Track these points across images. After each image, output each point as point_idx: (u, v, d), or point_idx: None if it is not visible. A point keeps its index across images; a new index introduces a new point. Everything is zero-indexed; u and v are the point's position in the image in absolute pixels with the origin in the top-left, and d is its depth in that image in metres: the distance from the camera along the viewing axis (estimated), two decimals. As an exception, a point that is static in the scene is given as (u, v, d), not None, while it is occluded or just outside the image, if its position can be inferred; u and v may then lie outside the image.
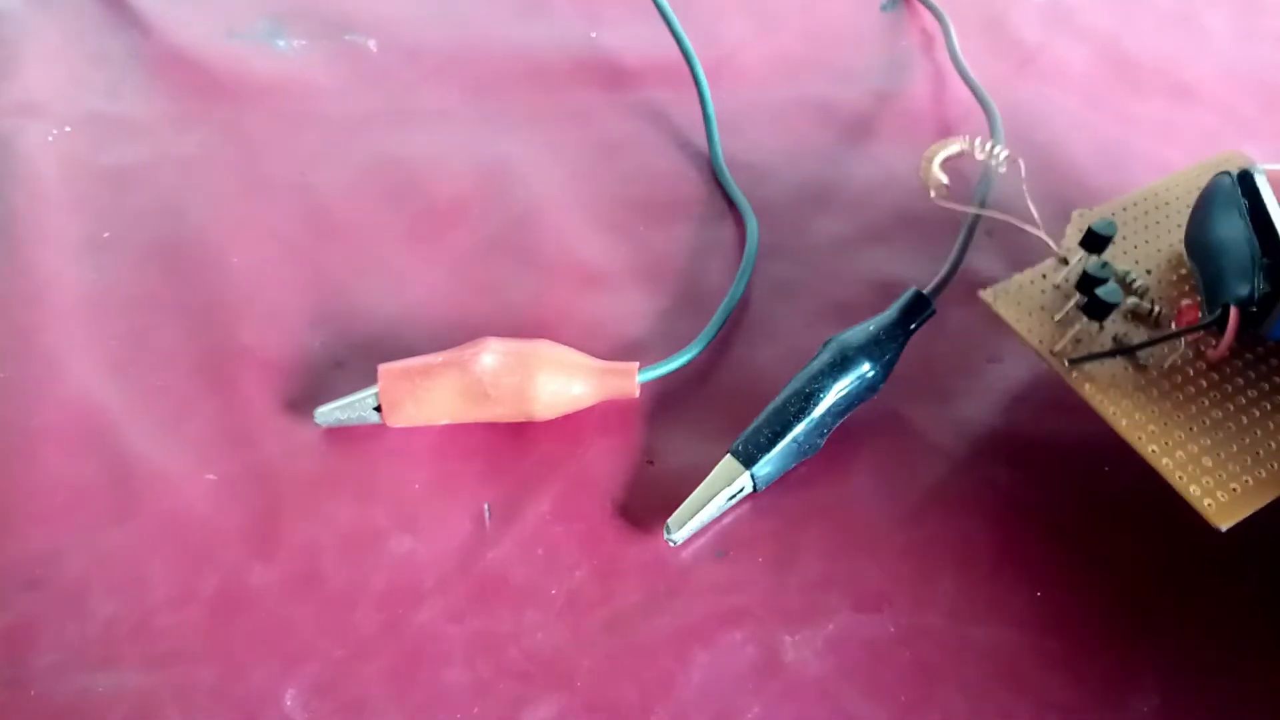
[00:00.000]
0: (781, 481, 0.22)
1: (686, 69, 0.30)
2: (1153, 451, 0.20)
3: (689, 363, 0.24)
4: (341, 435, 0.23)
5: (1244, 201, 0.20)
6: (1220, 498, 0.19)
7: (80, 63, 0.31)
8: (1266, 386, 0.21)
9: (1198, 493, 0.19)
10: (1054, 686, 0.20)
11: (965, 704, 0.20)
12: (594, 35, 0.33)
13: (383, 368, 0.22)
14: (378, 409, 0.23)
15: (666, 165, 0.29)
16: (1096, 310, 0.20)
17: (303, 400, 0.24)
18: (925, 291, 0.23)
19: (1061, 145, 0.30)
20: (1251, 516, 0.22)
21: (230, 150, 0.29)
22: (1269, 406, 0.20)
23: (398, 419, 0.22)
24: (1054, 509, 0.22)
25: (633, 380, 0.23)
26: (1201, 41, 0.33)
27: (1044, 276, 0.23)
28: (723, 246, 0.27)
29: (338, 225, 0.27)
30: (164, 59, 0.31)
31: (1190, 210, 0.22)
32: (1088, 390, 0.21)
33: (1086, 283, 0.20)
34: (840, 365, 0.22)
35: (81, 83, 0.31)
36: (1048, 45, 0.33)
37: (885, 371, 0.23)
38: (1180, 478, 0.19)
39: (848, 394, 0.22)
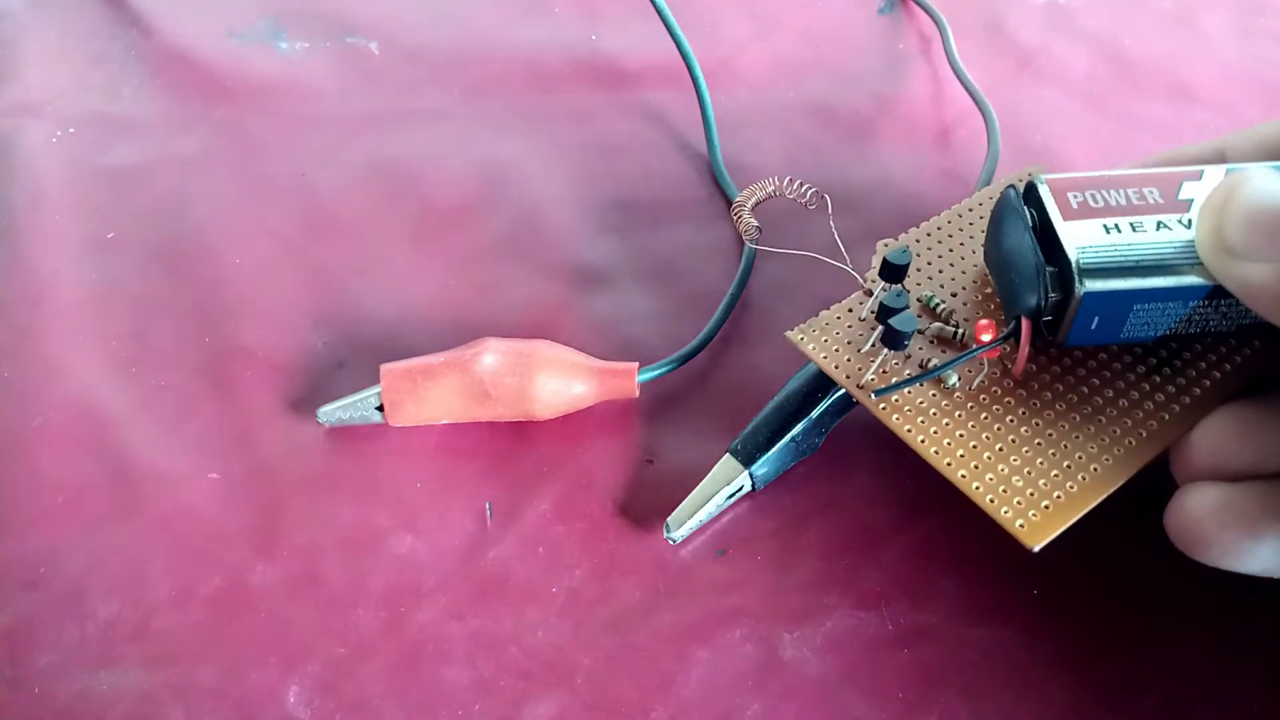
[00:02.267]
0: (780, 481, 0.22)
1: (686, 71, 0.30)
2: (961, 477, 0.19)
3: (688, 363, 0.24)
4: (343, 435, 0.23)
5: (1030, 212, 0.20)
6: (1032, 517, 0.19)
7: (81, 63, 0.31)
8: (1074, 397, 0.20)
9: (1009, 515, 0.19)
10: (1054, 686, 0.20)
11: (964, 703, 0.20)
12: (594, 37, 0.33)
13: (385, 368, 0.23)
14: (380, 409, 0.23)
15: (666, 166, 0.29)
16: (894, 339, 0.20)
17: (305, 400, 0.24)
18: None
19: (1061, 147, 0.30)
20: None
21: (231, 151, 0.29)
22: (1077, 417, 0.20)
23: (399, 418, 0.23)
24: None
25: (632, 380, 0.23)
26: (1201, 42, 0.33)
27: (849, 310, 0.22)
28: (722, 247, 0.27)
29: (339, 226, 0.27)
30: (165, 60, 0.31)
31: (988, 222, 0.22)
32: (895, 421, 0.20)
33: (883, 313, 0.20)
34: (839, 365, 0.22)
35: (82, 83, 0.31)
36: (1047, 47, 0.33)
37: (884, 371, 0.23)
38: (990, 500, 0.19)
39: (846, 393, 0.22)
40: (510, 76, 0.31)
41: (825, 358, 0.21)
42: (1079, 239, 0.19)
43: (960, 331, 0.21)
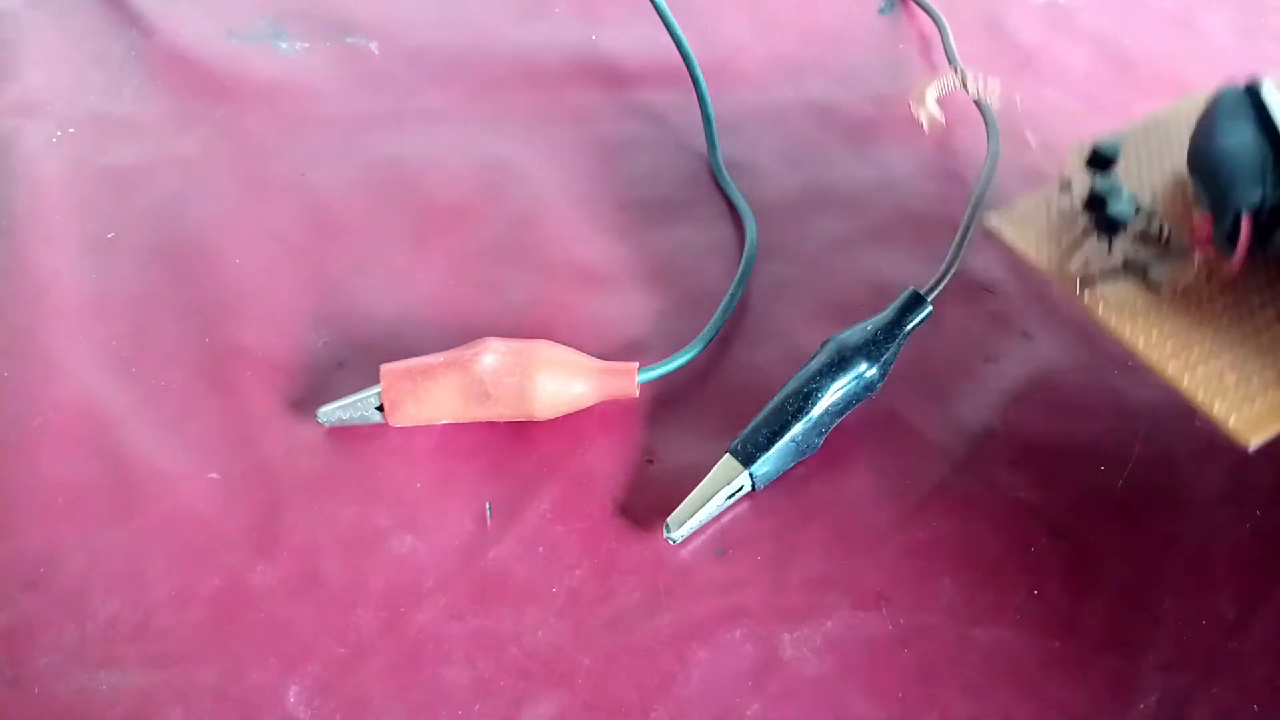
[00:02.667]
0: (780, 481, 0.22)
1: (686, 71, 0.30)
2: (1173, 370, 0.19)
3: (688, 363, 0.24)
4: (343, 435, 0.23)
5: (1253, 113, 0.20)
6: (1245, 414, 0.18)
7: (81, 63, 0.31)
8: None
9: (1222, 410, 0.18)
10: (1054, 686, 0.20)
11: (964, 703, 0.20)
12: (594, 37, 0.33)
13: (384, 368, 0.23)
14: (380, 409, 0.23)
15: (666, 166, 0.29)
16: (1108, 226, 0.20)
17: (305, 400, 0.24)
18: (922, 291, 0.23)
19: (1061, 147, 0.30)
20: (1253, 517, 0.22)
21: (231, 151, 0.29)
22: None
23: (399, 418, 0.23)
24: (1054, 509, 0.22)
25: (632, 380, 0.23)
26: (1201, 42, 0.33)
27: (1048, 202, 0.22)
28: (722, 247, 0.27)
29: (339, 226, 0.27)
30: (165, 60, 0.31)
31: (1194, 128, 0.21)
32: (1102, 311, 0.20)
33: (1095, 201, 0.20)
34: (838, 365, 0.22)
35: (82, 83, 0.31)
36: (1047, 47, 0.33)
37: (883, 371, 0.23)
38: (1203, 395, 0.19)
39: (846, 393, 0.22)
40: (510, 77, 0.31)
41: (1026, 244, 0.21)
42: None
43: (1167, 230, 0.21)
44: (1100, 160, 0.21)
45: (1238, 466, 0.23)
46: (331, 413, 0.23)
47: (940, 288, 0.24)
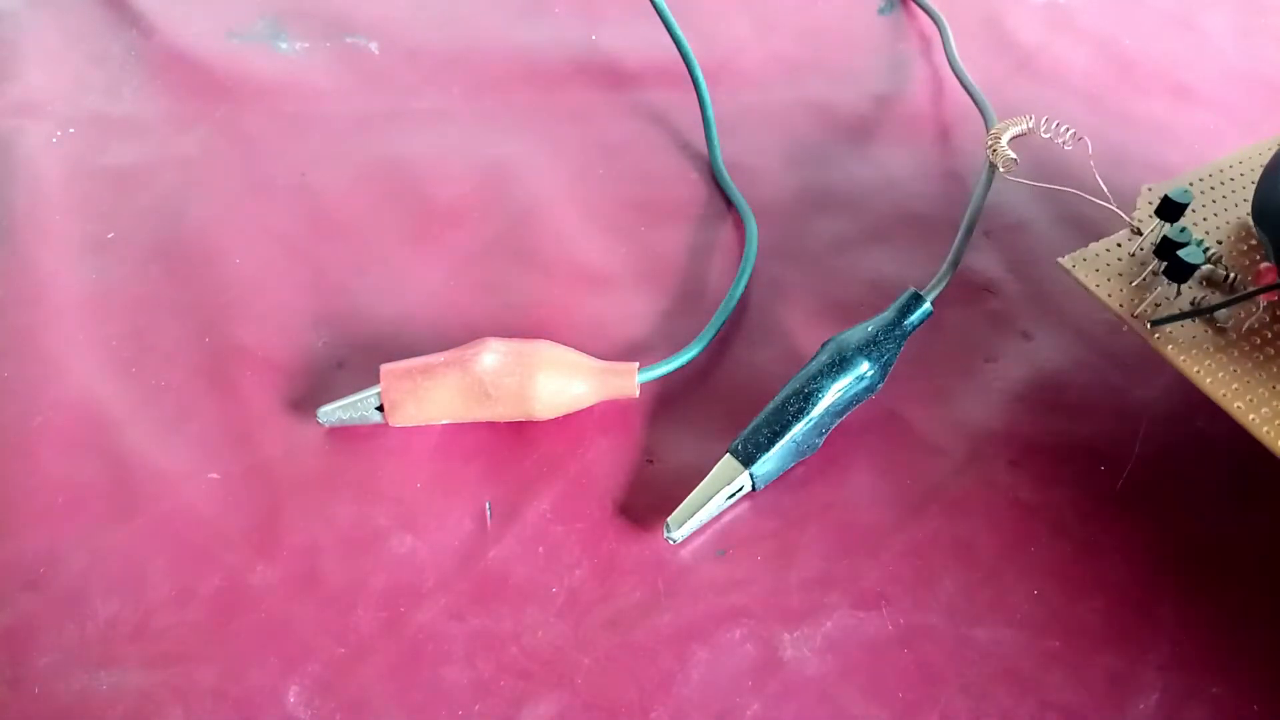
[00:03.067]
0: (780, 481, 0.22)
1: (686, 71, 0.30)
2: (1238, 408, 0.20)
3: (689, 363, 0.24)
4: (343, 435, 0.23)
5: None
6: None
7: (81, 63, 0.31)
8: None
9: None
10: (1054, 686, 0.20)
11: (965, 703, 0.20)
12: (594, 37, 0.33)
13: (384, 368, 0.23)
14: (379, 409, 0.23)
15: (666, 166, 0.29)
16: (1179, 272, 0.21)
17: (304, 400, 0.24)
18: (922, 292, 0.23)
19: (1060, 147, 0.30)
20: (1253, 517, 0.22)
21: (231, 151, 0.29)
22: None
23: (399, 419, 0.23)
24: (1054, 509, 0.22)
25: (633, 380, 0.23)
26: (1201, 42, 0.33)
27: (1119, 245, 0.23)
28: (722, 247, 0.27)
29: (339, 225, 0.27)
30: (165, 60, 0.31)
31: (1260, 178, 0.22)
32: (1170, 351, 0.21)
33: (1167, 246, 0.21)
34: (838, 365, 0.22)
35: (82, 83, 0.31)
36: (1046, 47, 0.33)
37: (883, 371, 0.23)
38: (1268, 433, 0.20)
39: (846, 394, 0.22)
40: (510, 76, 0.31)
41: (1098, 285, 0.22)
42: None
43: (1233, 276, 0.22)
44: (1170, 209, 0.22)
45: (1237, 467, 0.23)
46: (331, 413, 0.23)
47: (940, 288, 0.24)
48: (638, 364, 0.23)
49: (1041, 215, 0.28)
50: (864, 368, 0.22)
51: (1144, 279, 0.22)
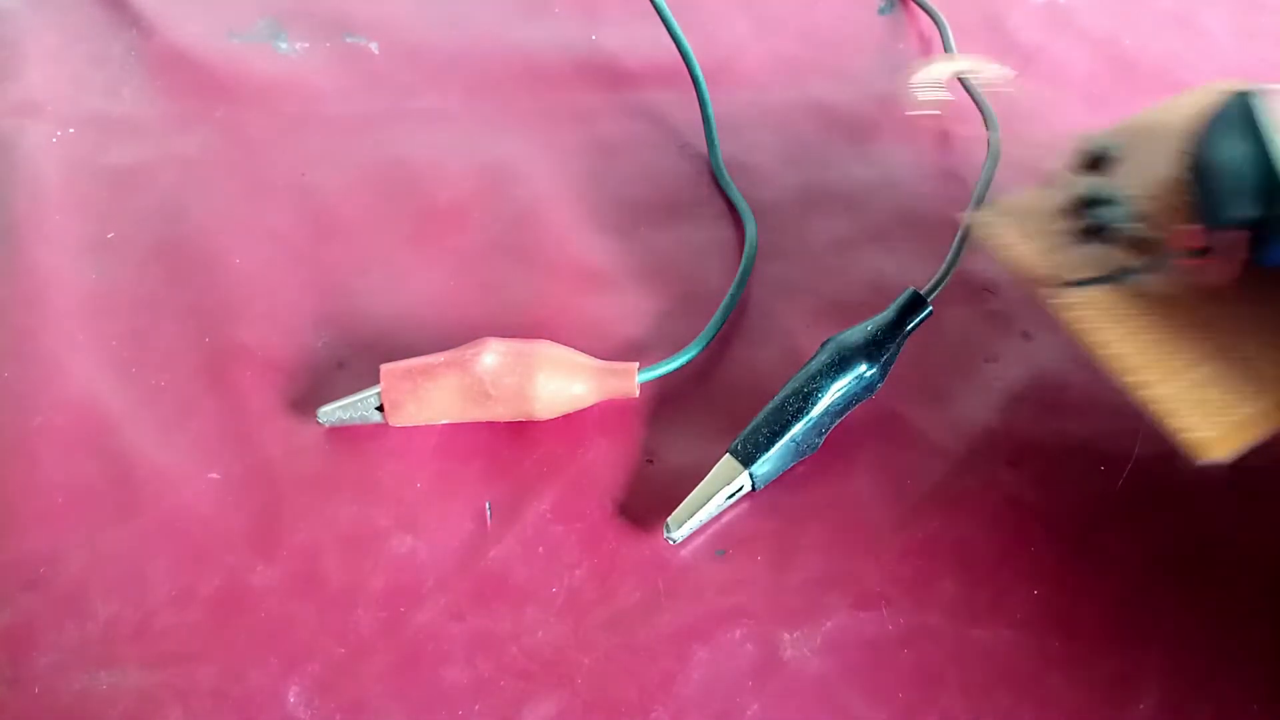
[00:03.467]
0: (780, 481, 0.22)
1: (686, 71, 0.30)
2: (1140, 382, 0.19)
3: (688, 363, 0.24)
4: (343, 435, 0.23)
5: (1249, 124, 0.19)
6: (1209, 432, 0.18)
7: (81, 64, 0.31)
8: (1267, 317, 0.20)
9: (1192, 424, 0.18)
10: (1054, 686, 0.20)
11: (964, 703, 0.20)
12: (594, 37, 0.33)
13: (385, 368, 0.23)
14: (380, 409, 0.23)
15: (666, 166, 0.29)
16: (1097, 231, 0.19)
17: (305, 400, 0.24)
18: (922, 292, 0.23)
19: (1060, 147, 0.30)
20: (1252, 516, 0.22)
21: (231, 151, 0.29)
22: (1268, 338, 0.19)
23: (399, 419, 0.23)
24: (1054, 509, 0.22)
25: (632, 380, 0.23)
26: (1201, 42, 0.33)
27: (1038, 200, 0.21)
28: (722, 247, 0.27)
29: (339, 226, 0.27)
30: (165, 60, 0.31)
31: (1194, 137, 0.21)
32: (1076, 314, 0.19)
33: (1087, 203, 0.19)
34: (838, 365, 0.22)
35: (82, 84, 0.31)
36: (1046, 47, 0.33)
37: (883, 371, 0.23)
38: (1163, 408, 0.18)
39: (846, 394, 0.22)
40: (510, 76, 0.31)
41: (1009, 243, 0.20)
42: None
43: (1155, 237, 0.20)
44: (1097, 160, 0.20)
45: (1237, 467, 0.23)
46: (331, 413, 0.23)
47: (940, 288, 0.24)
48: (638, 364, 0.23)
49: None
50: (864, 368, 0.22)
51: (1061, 238, 0.20)
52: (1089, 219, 0.19)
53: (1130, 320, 0.19)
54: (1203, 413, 0.18)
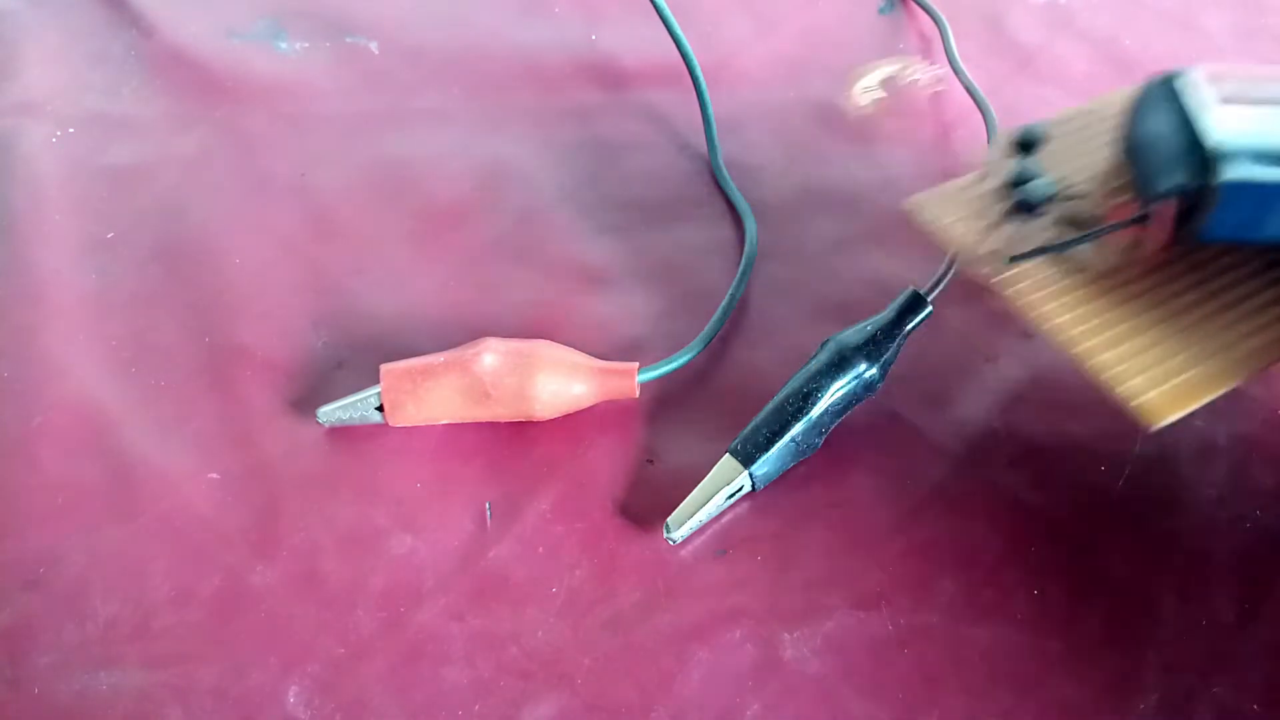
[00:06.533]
0: (780, 481, 0.22)
1: (686, 71, 0.30)
2: (1079, 351, 0.19)
3: (688, 363, 0.24)
4: (343, 435, 0.23)
5: (1178, 103, 0.20)
6: (1154, 396, 0.19)
7: (81, 63, 0.31)
8: (1206, 290, 0.20)
9: (1129, 390, 0.19)
10: (1054, 686, 0.20)
11: (964, 703, 0.20)
12: (594, 37, 0.33)
13: (384, 367, 0.23)
14: (379, 409, 0.23)
15: (666, 166, 0.29)
16: (1027, 206, 0.20)
17: (305, 400, 0.24)
18: (922, 291, 0.23)
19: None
20: (1253, 517, 0.22)
21: (231, 151, 0.29)
22: (1208, 310, 0.20)
23: (399, 419, 0.23)
24: (1054, 509, 0.22)
25: (632, 380, 0.23)
26: (1201, 42, 0.33)
27: (973, 185, 0.22)
28: (722, 247, 0.27)
29: (339, 226, 0.27)
30: (165, 59, 0.31)
31: (1123, 115, 0.22)
32: (1013, 290, 0.20)
33: (1016, 182, 0.20)
34: (838, 365, 0.22)
35: (82, 83, 0.31)
36: (1047, 47, 0.33)
37: (883, 371, 0.23)
38: (1109, 376, 0.19)
39: (846, 394, 0.22)
40: (510, 76, 0.31)
41: (946, 225, 0.21)
42: (1226, 127, 0.19)
43: (1093, 214, 0.21)
44: (1024, 144, 0.21)
45: (1237, 467, 0.23)
46: (331, 413, 0.23)
47: (940, 288, 0.24)
48: (638, 364, 0.23)
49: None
50: (864, 368, 0.22)
51: (998, 217, 0.21)
52: (1019, 196, 0.20)
53: (1070, 294, 0.20)
54: (1148, 379, 0.19)
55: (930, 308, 0.23)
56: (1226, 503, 0.22)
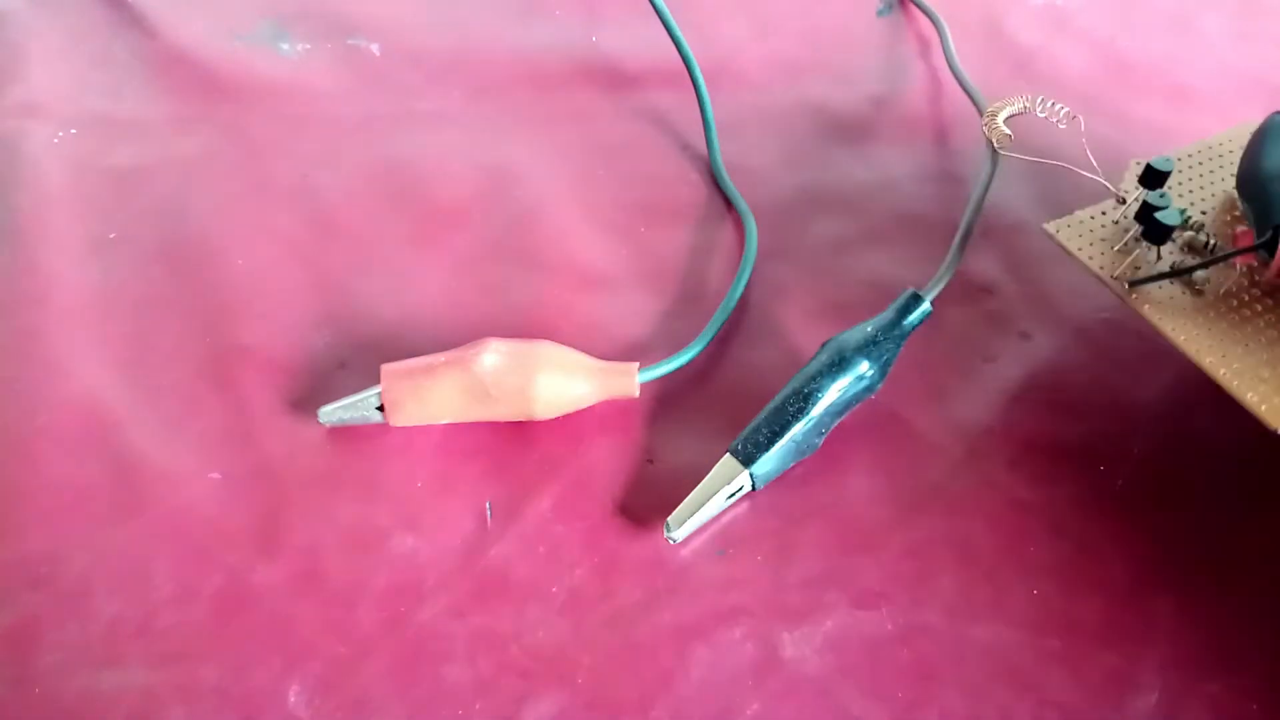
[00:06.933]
0: (780, 481, 0.22)
1: (686, 71, 0.30)
2: (1209, 363, 0.21)
3: (689, 363, 0.24)
4: (344, 434, 0.23)
5: None
6: (1277, 403, 0.20)
7: (84, 65, 0.31)
8: None
9: (1254, 399, 0.20)
10: (1053, 686, 0.20)
11: (964, 702, 0.20)
12: (594, 39, 0.33)
13: (385, 367, 0.23)
14: (380, 408, 0.23)
15: (666, 167, 0.29)
16: (1156, 234, 0.22)
17: (306, 400, 0.24)
18: (922, 292, 0.23)
19: (1058, 148, 0.30)
20: (1252, 517, 0.22)
21: (233, 152, 0.29)
22: None
23: (400, 418, 0.23)
24: (1053, 509, 0.22)
25: (633, 380, 0.23)
26: (1199, 43, 0.33)
27: (1103, 214, 0.24)
28: (722, 248, 0.27)
29: (341, 227, 0.27)
30: (167, 61, 0.32)
31: (1244, 150, 0.24)
32: (1147, 310, 0.22)
33: (1146, 210, 0.22)
34: (838, 365, 0.22)
35: (85, 84, 0.31)
36: (1044, 48, 0.33)
37: (883, 372, 0.23)
38: (1237, 385, 0.20)
39: (846, 394, 0.22)
40: (511, 78, 0.32)
41: (1080, 249, 0.23)
42: None
43: (1213, 242, 0.23)
44: (1152, 177, 0.23)
45: (1237, 467, 0.23)
46: (333, 412, 0.23)
47: (940, 288, 0.24)
48: (638, 364, 0.23)
49: (1042, 215, 0.28)
50: (863, 368, 0.22)
51: (1125, 244, 0.23)
52: (1150, 225, 0.22)
53: (1195, 314, 0.22)
54: (1262, 390, 0.20)
55: (930, 308, 0.23)
56: (1226, 502, 0.22)
